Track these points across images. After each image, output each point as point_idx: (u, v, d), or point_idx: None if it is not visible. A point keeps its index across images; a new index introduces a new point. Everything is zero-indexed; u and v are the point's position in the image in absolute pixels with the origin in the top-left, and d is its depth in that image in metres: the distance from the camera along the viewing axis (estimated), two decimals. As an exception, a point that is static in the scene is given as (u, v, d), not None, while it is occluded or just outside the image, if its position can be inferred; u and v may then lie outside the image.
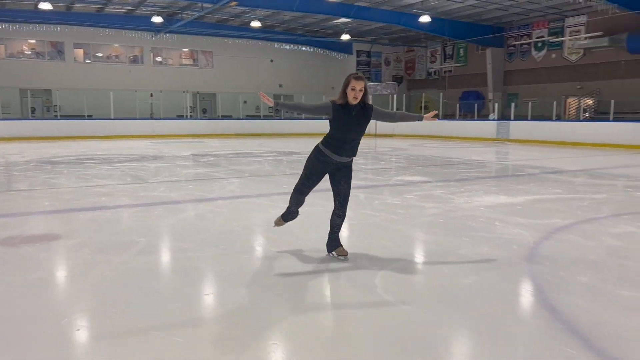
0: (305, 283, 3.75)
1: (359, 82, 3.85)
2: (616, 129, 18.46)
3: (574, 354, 2.66)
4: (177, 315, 3.15)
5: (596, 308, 3.28)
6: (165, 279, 3.93)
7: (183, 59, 29.13)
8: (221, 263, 4.21)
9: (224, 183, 9.02)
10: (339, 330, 3.03)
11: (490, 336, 2.87)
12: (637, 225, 5.62)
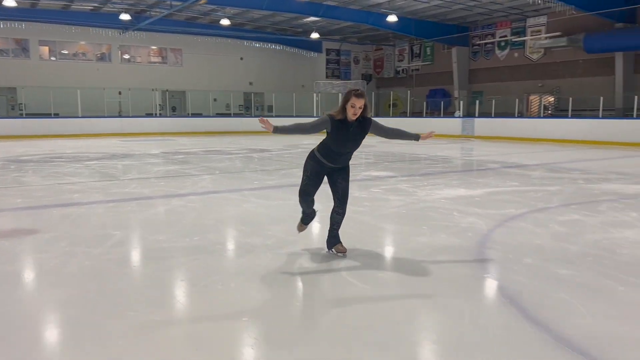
0: (271, 267, 4.02)
1: (360, 100, 3.82)
2: (574, 125, 19.28)
3: (514, 323, 3.02)
4: (156, 299, 3.39)
5: (536, 284, 3.66)
6: (143, 268, 4.15)
7: (152, 56, 28.92)
8: (196, 252, 4.45)
9: (196, 180, 9.21)
10: (309, 309, 3.32)
11: (442, 311, 3.21)
12: (583, 213, 6.08)
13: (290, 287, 3.66)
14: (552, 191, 7.80)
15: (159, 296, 3.44)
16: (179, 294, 3.53)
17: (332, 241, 4.29)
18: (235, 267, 4.15)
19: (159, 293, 3.50)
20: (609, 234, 5.06)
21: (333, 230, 4.29)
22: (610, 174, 9.87)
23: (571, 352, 2.63)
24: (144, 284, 3.69)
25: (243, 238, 5.00)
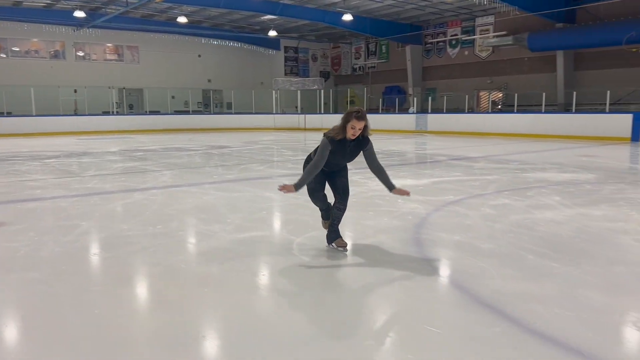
0: (230, 249, 4.47)
1: (360, 122, 3.85)
2: (519, 119, 20.38)
3: (437, 287, 3.58)
4: (124, 276, 3.80)
5: (460, 255, 4.24)
6: (110, 252, 4.51)
7: (107, 54, 28.62)
8: (159, 238, 4.84)
9: (156, 175, 9.49)
10: (262, 280, 3.79)
11: (380, 280, 3.74)
12: (513, 198, 6.76)
13: (246, 263, 4.11)
14: (490, 180, 8.51)
15: (127, 274, 3.84)
16: (145, 271, 3.93)
17: (332, 236, 4.32)
18: (196, 250, 4.57)
19: (126, 271, 3.89)
20: (531, 214, 5.73)
21: (333, 225, 4.30)
22: (545, 164, 10.72)
23: (481, 306, 3.19)
24: (112, 264, 4.07)
25: (203, 225, 5.41)
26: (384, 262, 4.06)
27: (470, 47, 26.03)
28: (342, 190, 4.22)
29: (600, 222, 5.39)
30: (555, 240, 4.66)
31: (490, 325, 2.93)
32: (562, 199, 6.68)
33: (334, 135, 3.92)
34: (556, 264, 3.96)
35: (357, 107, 4.04)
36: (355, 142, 3.98)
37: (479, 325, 2.91)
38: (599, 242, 4.60)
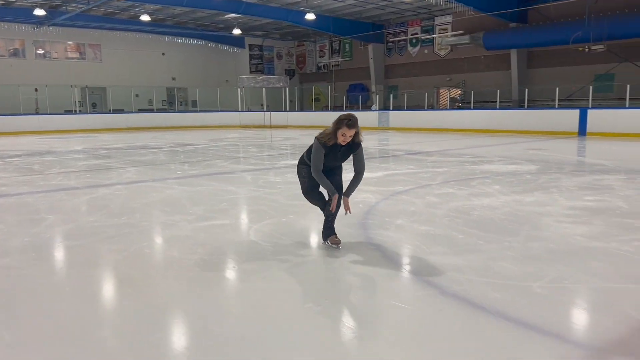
0: (191, 236, 4.84)
1: (351, 130, 3.91)
2: (476, 116, 21.22)
3: (376, 262, 4.04)
4: (92, 260, 4.14)
5: (400, 237, 4.73)
6: (78, 240, 4.82)
7: (69, 52, 28.26)
8: (124, 228, 5.17)
9: (120, 172, 9.73)
10: (215, 258, 4.18)
11: (322, 258, 4.18)
12: (457, 187, 7.32)
13: (205, 247, 4.49)
14: (440, 172, 9.08)
15: (94, 258, 4.18)
16: (111, 256, 4.27)
17: (327, 232, 4.35)
18: (160, 237, 4.92)
19: (93, 256, 4.23)
20: (470, 201, 6.28)
21: (327, 222, 4.35)
22: (494, 157, 11.39)
23: (410, 275, 3.67)
24: (79, 251, 4.39)
25: (166, 216, 5.75)
26: (326, 252, 4.50)
27: (430, 46, 26.82)
28: (336, 187, 4.21)
29: (529, 206, 5.97)
30: (485, 222, 5.21)
31: (416, 290, 3.41)
32: (502, 187, 7.28)
33: (325, 140, 3.97)
34: (481, 242, 4.49)
35: (349, 114, 4.02)
36: (347, 147, 4.05)
37: (406, 290, 3.39)
38: (523, 223, 5.16)
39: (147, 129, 26.27)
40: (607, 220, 5.21)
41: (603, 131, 17.24)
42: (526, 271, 3.71)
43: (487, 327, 2.83)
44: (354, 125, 3.90)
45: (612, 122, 17.13)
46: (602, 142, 15.53)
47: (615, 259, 3.97)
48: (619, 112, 17.29)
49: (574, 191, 6.94)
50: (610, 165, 9.72)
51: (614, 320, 2.86)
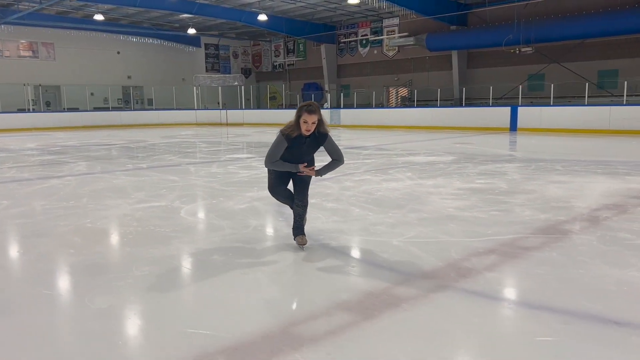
0: (130, 214, 5.66)
1: (312, 116, 3.76)
2: (419, 113, 22.52)
3: (283, 228, 4.96)
4: (48, 232, 4.92)
5: (331, 217, 5.66)
6: (32, 218, 5.55)
7: (21, 50, 28.18)
8: (73, 209, 5.94)
9: (72, 165, 10.37)
10: (153, 240, 5.02)
11: (238, 232, 5.09)
12: (374, 174, 8.33)
13: (141, 222, 5.31)
14: (367, 162, 10.11)
15: (43, 230, 4.95)
16: (58, 229, 5.05)
17: (294, 232, 4.23)
18: (102, 215, 5.71)
19: (43, 228, 5.00)
20: (379, 185, 7.29)
21: (295, 222, 4.22)
22: (422, 150, 12.52)
23: (310, 240, 4.62)
24: (30, 226, 5.14)
25: (110, 200, 6.52)
26: (247, 221, 5.41)
27: (379, 47, 28.03)
28: (299, 186, 4.12)
29: (426, 188, 7.02)
30: (383, 200, 6.21)
31: (315, 249, 4.36)
32: (412, 174, 8.34)
33: (289, 132, 3.83)
34: (371, 213, 5.48)
35: (309, 101, 3.94)
36: (312, 138, 3.91)
37: (307, 250, 4.31)
38: (412, 200, 6.18)
39: (103, 127, 26.54)
40: (482, 197, 6.30)
41: (531, 127, 18.74)
42: (394, 232, 4.70)
43: (344, 265, 3.80)
44: (315, 111, 3.77)
45: (538, 118, 18.65)
46: (527, 136, 16.97)
47: (467, 223, 5.01)
48: (544, 110, 18.81)
49: (471, 176, 8.06)
50: (518, 155, 10.98)
51: (442, 261, 3.86)
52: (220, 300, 3.16)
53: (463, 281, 3.41)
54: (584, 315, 2.84)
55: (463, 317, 2.85)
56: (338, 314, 2.87)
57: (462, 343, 2.57)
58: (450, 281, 3.42)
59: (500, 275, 3.55)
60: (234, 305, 3.06)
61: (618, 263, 3.72)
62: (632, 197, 6.17)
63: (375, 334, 2.62)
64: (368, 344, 2.53)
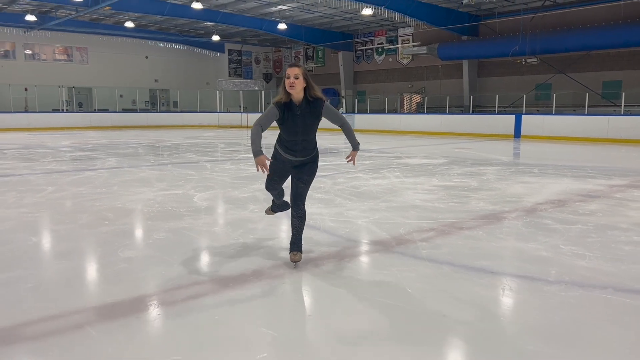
0: (153, 199, 6.88)
1: (293, 69, 3.60)
2: (429, 119, 23.48)
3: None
4: (80, 210, 6.17)
5: (316, 204, 6.79)
6: (73, 200, 6.81)
7: (57, 54, 30.05)
8: (105, 194, 7.19)
9: (103, 160, 11.72)
10: (174, 219, 6.22)
11: (243, 210, 6.26)
12: (368, 173, 9.42)
13: (163, 205, 6.51)
14: (365, 164, 11.21)
15: (83, 208, 6.19)
16: (94, 208, 6.29)
17: (290, 247, 4.00)
18: (129, 199, 6.93)
19: (82, 207, 6.25)
20: (366, 182, 8.39)
21: (292, 236, 4.00)
22: (419, 154, 13.55)
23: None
24: (73, 205, 6.39)
25: (136, 188, 7.77)
26: (246, 206, 6.58)
27: (394, 55, 29.08)
28: (294, 196, 3.93)
29: (405, 185, 8.10)
30: (364, 193, 7.31)
31: (288, 223, 5.48)
32: (400, 173, 9.42)
33: (278, 99, 3.67)
34: (350, 202, 6.59)
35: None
36: (307, 107, 3.69)
37: (282, 223, 5.43)
38: (389, 194, 7.27)
39: (131, 127, 28.16)
40: (449, 192, 7.35)
41: (534, 134, 19.56)
42: (363, 215, 5.81)
43: (321, 238, 4.93)
44: (297, 64, 3.63)
45: (541, 126, 19.46)
46: (527, 143, 17.83)
47: (425, 210, 6.09)
48: (546, 118, 19.62)
49: (451, 176, 9.10)
50: (505, 160, 11.95)
51: (390, 234, 4.95)
52: (218, 249, 4.32)
53: (399, 247, 4.52)
54: (475, 268, 3.92)
55: (394, 269, 3.95)
56: (290, 263, 4.01)
57: (389, 286, 3.68)
58: (389, 247, 4.53)
59: (428, 244, 4.64)
60: (226, 252, 4.22)
61: (526, 238, 4.77)
62: (579, 195, 7.16)
63: (322, 275, 3.76)
64: (317, 281, 3.67)
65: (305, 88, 3.69)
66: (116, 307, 3.13)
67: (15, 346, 2.64)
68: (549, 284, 3.57)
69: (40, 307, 3.16)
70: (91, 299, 3.34)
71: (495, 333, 2.81)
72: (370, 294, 3.40)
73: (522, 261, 4.13)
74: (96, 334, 2.76)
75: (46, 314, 3.04)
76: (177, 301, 3.26)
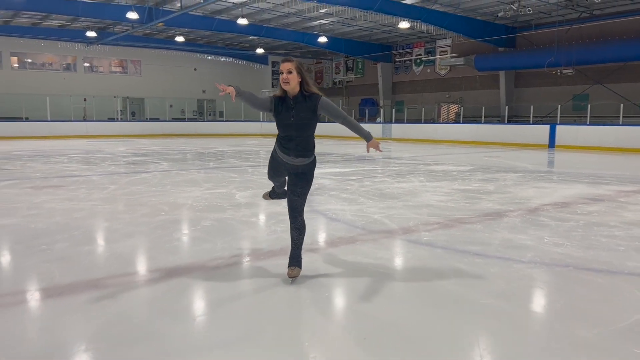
0: (201, 197, 7.92)
1: (285, 64, 3.57)
2: (464, 129, 23.98)
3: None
4: (137, 204, 7.27)
5: (325, 199, 7.70)
6: (133, 196, 7.92)
7: (113, 67, 32.20)
8: (160, 192, 8.30)
9: (156, 164, 12.97)
10: (217, 212, 7.23)
11: (280, 208, 7.22)
12: (394, 178, 10.22)
13: (209, 201, 7.53)
14: (393, 169, 12.01)
15: (141, 202, 7.29)
16: (151, 202, 7.36)
17: (289, 261, 3.87)
18: (180, 195, 8.00)
19: (140, 201, 7.34)
20: (391, 185, 9.19)
21: (291, 250, 3.89)
22: (449, 161, 14.21)
23: (315, 213, 6.65)
24: (133, 199, 7.50)
25: (185, 187, 8.85)
26: (278, 202, 7.52)
27: (432, 66, 29.68)
28: (290, 208, 3.83)
29: (427, 188, 8.86)
30: (386, 194, 8.13)
31: (313, 214, 6.38)
32: (424, 178, 10.17)
33: (275, 93, 3.72)
34: (371, 201, 7.43)
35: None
36: (302, 101, 3.62)
37: (311, 216, 6.35)
38: (409, 194, 8.06)
39: (180, 135, 29.83)
40: (464, 195, 8.08)
41: (569, 144, 19.80)
42: (380, 212, 6.65)
43: (339, 227, 5.81)
44: (290, 59, 3.62)
45: (575, 136, 19.69)
46: (560, 152, 18.14)
47: (436, 209, 6.86)
48: (580, 128, 19.83)
49: (471, 181, 9.79)
50: (530, 167, 12.47)
51: (399, 226, 5.77)
52: (252, 233, 5.27)
53: (404, 235, 5.35)
54: (464, 251, 4.71)
55: (397, 251, 4.80)
56: (313, 243, 4.90)
57: (389, 261, 4.52)
58: (395, 234, 5.37)
59: (430, 234, 5.44)
60: (259, 235, 5.16)
61: (517, 231, 5.50)
62: (585, 199, 7.76)
63: (333, 255, 4.65)
64: (335, 256, 4.56)
65: (301, 83, 3.64)
66: (174, 271, 4.11)
67: (105, 291, 3.65)
68: (521, 263, 4.33)
69: (118, 267, 4.18)
70: (156, 264, 4.33)
71: (464, 294, 3.61)
72: (373, 266, 4.25)
73: (505, 247, 4.88)
74: (160, 287, 3.75)
75: (123, 272, 4.06)
76: (219, 267, 4.21)
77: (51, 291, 3.60)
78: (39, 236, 5.20)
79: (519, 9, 19.79)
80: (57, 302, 3.42)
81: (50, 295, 3.53)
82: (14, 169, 11.89)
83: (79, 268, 4.15)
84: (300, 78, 3.62)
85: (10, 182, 9.38)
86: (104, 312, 3.20)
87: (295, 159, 3.78)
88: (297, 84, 3.62)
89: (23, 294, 3.60)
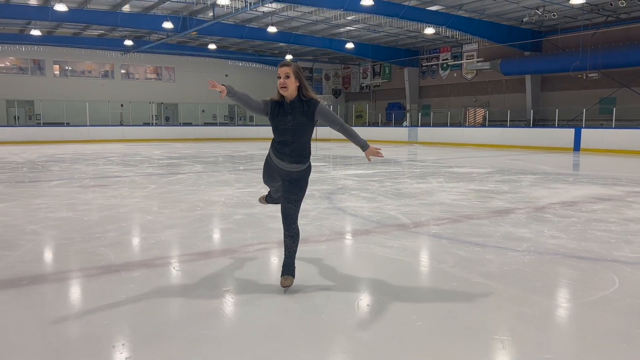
0: (233, 195, 8.62)
1: (283, 68, 3.51)
2: (489, 132, 24.24)
3: (322, 203, 7.66)
4: (170, 200, 8.02)
5: (346, 197, 8.29)
6: (171, 194, 8.68)
7: (148, 73, 33.53)
8: (194, 190, 9.05)
9: (191, 166, 13.79)
10: (244, 207, 7.91)
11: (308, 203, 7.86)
12: (414, 179, 10.73)
13: (239, 197, 8.22)
14: (414, 171, 12.51)
15: (179, 198, 8.02)
16: (187, 199, 8.09)
17: (282, 270, 3.76)
18: (214, 193, 8.71)
19: (178, 198, 8.08)
20: (410, 185, 9.72)
21: (284, 258, 3.77)
22: (470, 164, 14.62)
23: (336, 209, 7.26)
24: (170, 197, 8.24)
25: (218, 186, 9.56)
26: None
27: (458, 70, 29.97)
28: (283, 216, 3.74)
29: (443, 188, 9.36)
30: (403, 193, 8.67)
31: (333, 210, 6.98)
32: (444, 179, 10.66)
33: (272, 97, 3.67)
34: (389, 200, 7.99)
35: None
36: (299, 106, 3.58)
37: (329, 211, 6.95)
38: (425, 193, 8.57)
39: (211, 139, 30.89)
40: (478, 194, 8.56)
41: (594, 147, 19.89)
42: (396, 208, 7.21)
43: (357, 221, 6.40)
44: (287, 64, 3.54)
45: (600, 139, 19.77)
46: (584, 156, 18.28)
47: (449, 206, 7.37)
48: (605, 132, 19.91)
49: (488, 182, 10.24)
50: (549, 170, 12.79)
51: (411, 220, 6.33)
52: (278, 225, 5.92)
53: (414, 228, 5.91)
54: (466, 241, 5.24)
55: (405, 240, 5.37)
56: (332, 234, 5.51)
57: (397, 249, 5.10)
58: (407, 228, 5.94)
59: (439, 227, 5.98)
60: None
61: (520, 226, 5.99)
62: (593, 198, 8.14)
63: (350, 244, 5.26)
64: (351, 244, 5.17)
65: (299, 88, 3.58)
66: (210, 253, 4.78)
67: (154, 270, 4.34)
68: (516, 251, 4.85)
69: (163, 251, 4.88)
70: (194, 248, 5.01)
71: (458, 274, 4.17)
72: (382, 252, 4.84)
73: (505, 239, 5.39)
74: (199, 266, 4.43)
75: (168, 255, 4.76)
76: (249, 251, 4.87)
77: (110, 268, 4.31)
78: (92, 227, 5.96)
79: (543, 14, 20.02)
80: (114, 276, 4.12)
81: (109, 272, 4.24)
82: (61, 170, 12.87)
83: (130, 251, 4.87)
84: (298, 82, 3.56)
85: (60, 182, 10.29)
86: (156, 285, 3.88)
87: (289, 165, 3.67)
88: (295, 88, 3.57)
89: (88, 270, 4.32)
